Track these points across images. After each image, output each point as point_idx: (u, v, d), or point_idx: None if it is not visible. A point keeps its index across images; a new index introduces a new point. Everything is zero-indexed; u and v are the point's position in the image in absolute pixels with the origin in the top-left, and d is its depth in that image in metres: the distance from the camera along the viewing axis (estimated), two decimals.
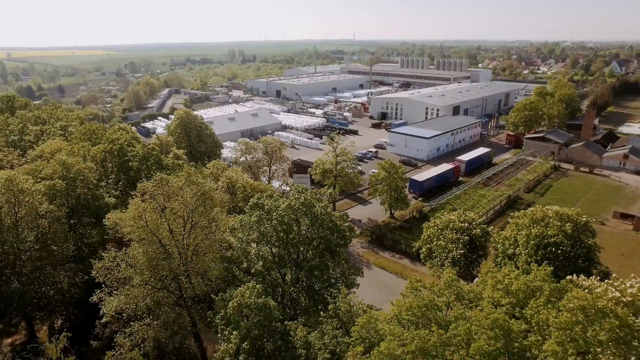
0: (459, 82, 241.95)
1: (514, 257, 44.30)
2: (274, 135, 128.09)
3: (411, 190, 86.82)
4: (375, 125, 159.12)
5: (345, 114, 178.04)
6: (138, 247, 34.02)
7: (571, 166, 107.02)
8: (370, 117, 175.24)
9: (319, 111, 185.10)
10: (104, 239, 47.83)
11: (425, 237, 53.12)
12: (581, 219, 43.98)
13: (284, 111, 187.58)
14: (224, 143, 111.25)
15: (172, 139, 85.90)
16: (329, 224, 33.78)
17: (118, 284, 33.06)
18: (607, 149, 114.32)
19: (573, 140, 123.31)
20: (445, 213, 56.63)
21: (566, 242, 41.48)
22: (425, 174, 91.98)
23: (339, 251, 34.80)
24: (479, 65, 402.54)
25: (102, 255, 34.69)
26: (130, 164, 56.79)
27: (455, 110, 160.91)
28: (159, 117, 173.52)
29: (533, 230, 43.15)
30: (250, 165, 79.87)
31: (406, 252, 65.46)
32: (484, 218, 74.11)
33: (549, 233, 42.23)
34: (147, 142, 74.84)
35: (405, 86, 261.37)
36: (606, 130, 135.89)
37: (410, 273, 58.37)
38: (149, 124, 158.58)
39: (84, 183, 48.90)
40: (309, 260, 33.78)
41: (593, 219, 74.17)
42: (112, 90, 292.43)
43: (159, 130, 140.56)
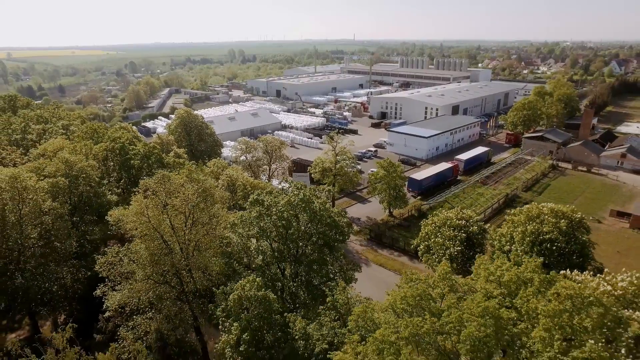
0: (458, 82, 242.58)
1: (509, 254, 44.96)
2: (274, 135, 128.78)
3: (410, 189, 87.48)
4: (375, 125, 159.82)
5: (345, 113, 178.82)
6: (140, 243, 34.70)
7: (569, 165, 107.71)
8: (370, 117, 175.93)
9: (318, 111, 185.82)
10: (107, 236, 48.45)
11: (423, 235, 53.77)
12: (576, 216, 44.67)
13: (284, 111, 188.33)
14: (224, 142, 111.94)
15: (173, 138, 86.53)
16: (327, 220, 34.51)
17: (121, 279, 33.77)
18: (605, 148, 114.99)
19: (571, 140, 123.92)
20: (443, 211, 57.26)
21: (561, 239, 42.17)
22: (424, 173, 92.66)
23: (337, 246, 35.53)
24: (479, 65, 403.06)
25: (106, 250, 35.36)
26: (131, 162, 57.48)
27: (455, 110, 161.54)
28: (159, 117, 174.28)
29: (529, 227, 43.84)
30: (250, 164, 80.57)
31: (405, 250, 66.15)
32: (482, 216, 74.77)
33: (544, 230, 42.92)
34: (148, 142, 75.50)
35: (405, 86, 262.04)
36: (604, 130, 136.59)
37: (408, 270, 58.98)
38: (149, 124, 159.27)
39: (86, 181, 49.58)
40: (308, 255, 34.52)
41: (590, 217, 75.22)
42: (113, 90, 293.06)
43: (159, 129, 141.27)
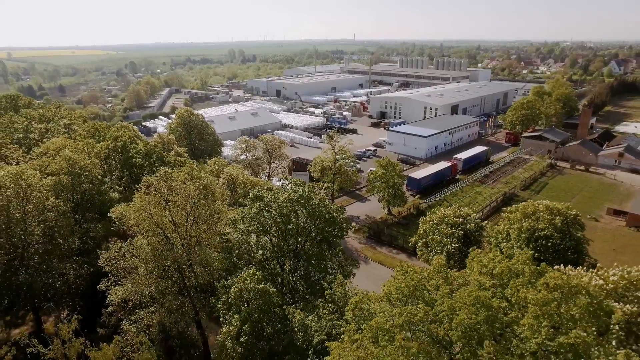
0: (457, 82, 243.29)
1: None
2: (273, 134, 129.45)
3: (409, 187, 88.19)
4: (375, 125, 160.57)
5: (344, 113, 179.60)
6: (143, 239, 35.41)
7: (567, 164, 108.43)
8: (370, 117, 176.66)
9: (318, 110, 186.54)
10: (109, 232, 49.11)
11: (421, 232, 54.47)
12: (570, 213, 45.39)
13: (284, 110, 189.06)
14: (224, 142, 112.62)
15: (174, 137, 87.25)
16: (326, 216, 35.22)
17: (124, 273, 34.50)
18: (603, 147, 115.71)
19: (570, 139, 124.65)
20: (441, 208, 57.93)
21: (556, 235, 42.88)
22: (422, 172, 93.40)
23: (336, 242, 36.27)
24: (479, 65, 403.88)
25: (109, 246, 36.08)
26: (133, 160, 58.18)
27: (454, 110, 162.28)
28: (159, 117, 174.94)
29: (524, 224, 44.56)
30: (251, 163, 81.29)
31: (403, 248, 66.85)
32: (480, 214, 75.49)
33: (539, 226, 43.64)
34: (149, 141, 76.19)
35: (405, 86, 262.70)
36: (603, 130, 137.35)
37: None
38: (149, 123, 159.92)
39: (88, 179, 50.26)
40: (307, 250, 35.24)
41: (587, 215, 75.99)
42: (113, 90, 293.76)
43: (159, 129, 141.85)
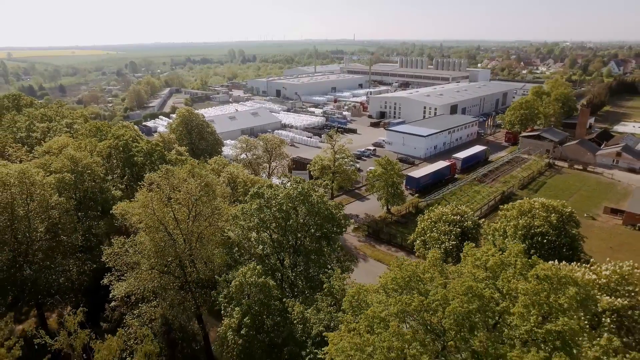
0: (457, 82, 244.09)
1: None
2: (274, 134, 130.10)
3: (408, 186, 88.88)
4: (374, 124, 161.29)
5: (344, 113, 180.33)
6: (145, 235, 36.10)
7: (565, 164, 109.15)
8: (369, 116, 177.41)
9: (318, 110, 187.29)
10: (111, 230, 49.83)
11: (420, 230, 55.10)
12: (566, 210, 46.06)
13: (284, 110, 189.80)
14: (224, 141, 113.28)
15: (174, 137, 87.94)
16: (325, 212, 35.94)
17: (127, 268, 35.20)
18: (602, 147, 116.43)
19: (568, 139, 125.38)
20: (439, 207, 58.57)
21: (551, 232, 43.57)
22: (421, 171, 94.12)
23: (334, 238, 36.99)
24: (478, 65, 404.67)
25: (112, 242, 36.79)
26: (135, 159, 58.86)
27: (453, 110, 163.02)
28: (160, 116, 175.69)
29: (520, 221, 45.26)
30: (251, 162, 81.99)
31: (402, 246, 67.51)
32: (479, 213, 76.18)
33: (535, 224, 44.33)
34: (150, 140, 76.85)
35: (404, 86, 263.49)
36: (601, 129, 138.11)
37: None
38: (150, 123, 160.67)
39: (91, 177, 50.98)
40: (307, 246, 35.94)
41: (585, 214, 76.72)
42: (113, 90, 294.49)
43: (160, 128, 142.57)
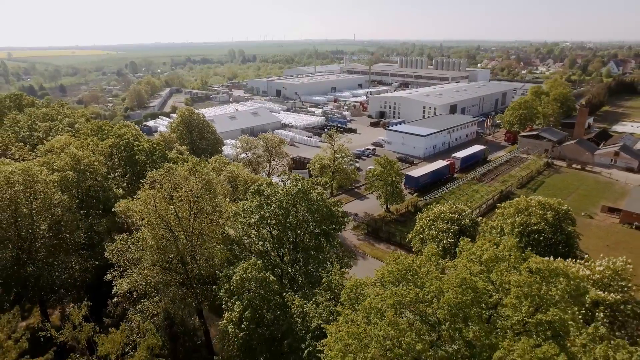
0: (457, 82, 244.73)
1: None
2: (274, 134, 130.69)
3: (407, 185, 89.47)
4: (374, 124, 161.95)
5: (344, 112, 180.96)
6: (147, 232, 36.70)
7: (564, 163, 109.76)
8: (369, 116, 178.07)
9: (318, 110, 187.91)
10: (112, 227, 50.39)
11: (418, 228, 55.70)
12: (562, 208, 46.69)
13: (284, 110, 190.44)
14: (225, 141, 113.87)
15: (175, 136, 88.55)
16: (324, 209, 36.55)
17: (129, 264, 35.81)
18: (600, 146, 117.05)
19: (567, 138, 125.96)
20: (438, 205, 59.18)
21: (547, 229, 44.20)
22: (420, 170, 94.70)
23: (333, 234, 37.61)
24: (478, 65, 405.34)
25: (114, 238, 37.39)
26: (136, 157, 59.45)
27: (453, 109, 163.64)
28: (160, 116, 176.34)
29: (517, 219, 45.88)
30: (251, 161, 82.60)
31: (401, 244, 68.06)
32: (477, 212, 76.78)
33: (531, 221, 44.96)
34: (151, 140, 77.44)
35: (404, 86, 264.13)
36: (600, 129, 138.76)
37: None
38: (150, 123, 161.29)
39: (93, 175, 51.55)
40: (306, 242, 36.57)
41: (582, 212, 77.34)
42: (113, 90, 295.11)
43: (160, 128, 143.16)
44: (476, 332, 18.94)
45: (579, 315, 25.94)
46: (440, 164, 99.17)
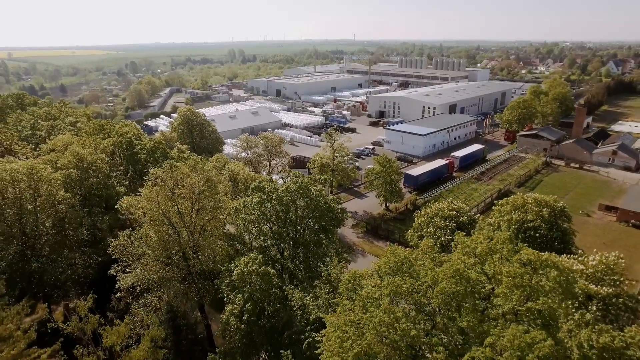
0: (456, 82, 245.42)
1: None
2: (274, 133, 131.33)
3: (406, 184, 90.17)
4: (373, 124, 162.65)
5: (344, 112, 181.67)
6: (150, 228, 37.43)
7: (562, 162, 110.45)
8: (369, 116, 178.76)
9: (318, 110, 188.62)
10: (115, 224, 51.10)
11: (417, 225, 56.37)
12: (557, 205, 47.40)
13: (284, 110, 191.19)
14: (225, 140, 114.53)
15: (176, 135, 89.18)
16: (323, 205, 37.29)
17: (133, 259, 36.55)
18: (598, 145, 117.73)
19: (565, 138, 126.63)
20: (436, 203, 59.85)
21: (543, 226, 44.92)
22: (419, 169, 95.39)
23: (332, 230, 38.36)
24: (478, 65, 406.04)
25: (118, 234, 38.16)
26: (138, 156, 60.16)
27: (452, 109, 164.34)
28: (161, 116, 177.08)
29: (514, 216, 46.60)
30: (251, 160, 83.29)
31: (400, 241, 68.47)
32: (475, 210, 77.49)
33: (528, 218, 45.69)
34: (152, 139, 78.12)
35: (404, 85, 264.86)
36: (598, 128, 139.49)
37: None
38: (151, 122, 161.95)
39: (96, 173, 52.29)
40: (306, 238, 37.32)
41: (580, 211, 78.06)
42: (114, 89, 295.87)
43: (161, 128, 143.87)
44: (470, 322, 19.64)
45: (572, 309, 26.62)
46: (439, 162, 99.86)
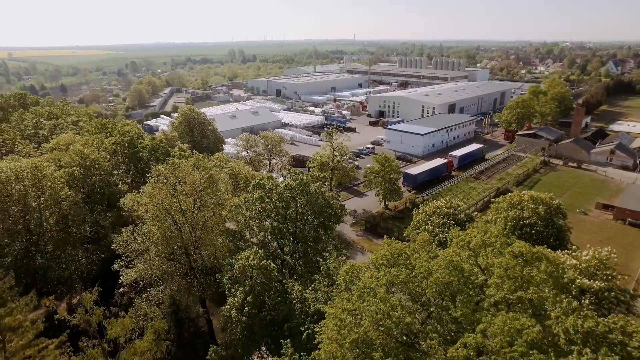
0: (456, 82, 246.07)
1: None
2: (274, 132, 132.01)
3: (405, 183, 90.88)
4: (373, 123, 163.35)
5: (343, 112, 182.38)
6: (152, 224, 38.17)
7: (560, 161, 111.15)
8: (368, 115, 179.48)
9: (318, 109, 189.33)
10: (117, 222, 51.88)
11: (415, 223, 57.02)
12: (553, 202, 48.11)
13: (284, 109, 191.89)
14: (225, 139, 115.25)
15: (177, 134, 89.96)
16: (322, 202, 38.03)
17: (136, 255, 37.30)
18: (596, 145, 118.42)
19: (563, 137, 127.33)
20: (434, 201, 60.46)
21: (539, 223, 45.64)
22: (418, 168, 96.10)
23: (331, 226, 39.11)
24: (478, 65, 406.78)
25: (121, 230, 38.91)
26: (140, 154, 60.92)
27: (451, 109, 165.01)
28: (161, 115, 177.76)
29: (510, 213, 47.32)
30: (252, 159, 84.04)
31: (398, 239, 69.21)
32: (473, 208, 78.19)
33: (524, 215, 46.40)
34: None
35: (404, 85, 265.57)
36: (597, 128, 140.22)
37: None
38: (152, 122, 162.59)
39: (98, 171, 53.07)
40: (305, 233, 38.07)
41: (577, 209, 78.81)
42: (114, 89, 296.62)
43: (162, 127, 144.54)
44: (464, 311, 20.36)
45: (565, 303, 27.30)
46: (438, 162, 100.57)
